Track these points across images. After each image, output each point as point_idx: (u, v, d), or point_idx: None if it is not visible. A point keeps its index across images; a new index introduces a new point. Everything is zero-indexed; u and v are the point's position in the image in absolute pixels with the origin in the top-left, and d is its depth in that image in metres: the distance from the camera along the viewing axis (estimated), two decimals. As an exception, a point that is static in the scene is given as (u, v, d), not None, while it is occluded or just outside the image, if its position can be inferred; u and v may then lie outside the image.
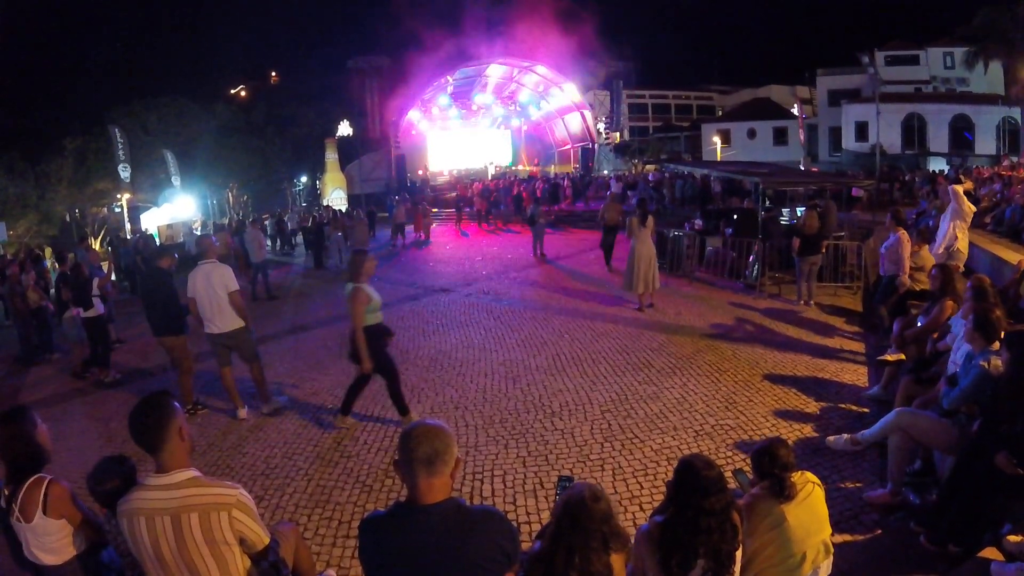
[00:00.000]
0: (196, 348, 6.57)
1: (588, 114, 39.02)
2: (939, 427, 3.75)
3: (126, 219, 22.98)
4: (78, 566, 2.61)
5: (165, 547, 2.01)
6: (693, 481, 2.33)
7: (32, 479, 2.52)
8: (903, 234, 7.10)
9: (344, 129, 43.34)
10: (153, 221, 25.68)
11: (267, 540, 2.22)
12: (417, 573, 1.82)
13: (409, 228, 21.15)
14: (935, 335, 5.03)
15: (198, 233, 20.67)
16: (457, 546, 1.80)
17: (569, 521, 2.05)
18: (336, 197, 33.14)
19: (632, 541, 2.38)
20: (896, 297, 6.98)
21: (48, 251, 18.20)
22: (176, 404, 2.16)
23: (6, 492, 2.56)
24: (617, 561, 2.09)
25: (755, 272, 10.12)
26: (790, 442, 3.20)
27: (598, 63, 40.18)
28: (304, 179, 43.39)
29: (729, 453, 4.67)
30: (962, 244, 8.02)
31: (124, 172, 21.51)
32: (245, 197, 37.24)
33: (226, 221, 29.89)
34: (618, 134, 41.70)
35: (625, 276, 9.21)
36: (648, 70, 50.41)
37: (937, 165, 29.24)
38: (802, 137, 34.30)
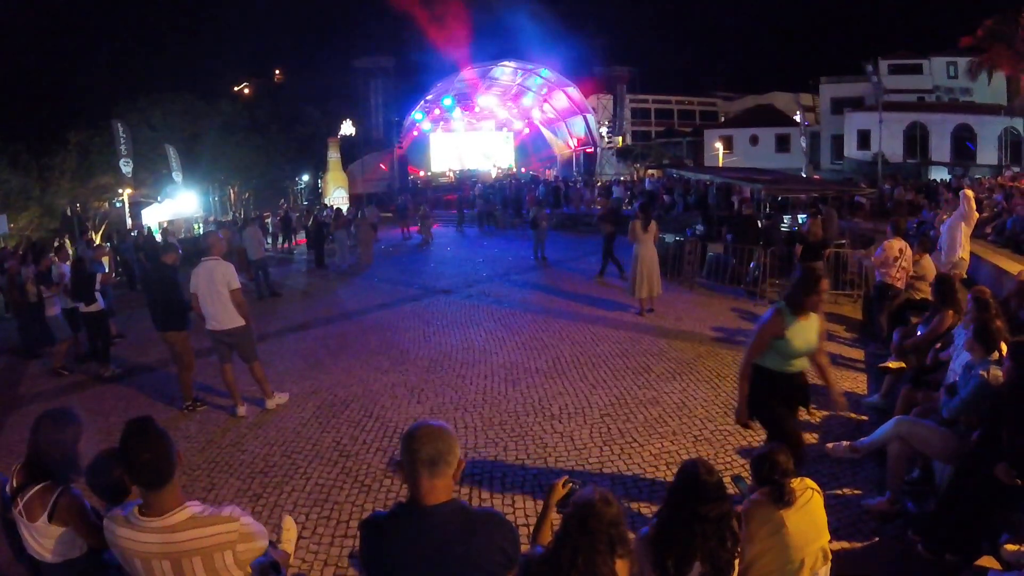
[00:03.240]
0: (197, 344, 6.57)
1: (591, 118, 39.06)
2: (938, 436, 3.76)
3: (127, 214, 22.98)
4: (78, 566, 2.59)
5: None
6: (690, 486, 2.34)
7: (45, 484, 2.47)
8: (887, 242, 7.16)
9: (347, 128, 43.34)
10: (154, 217, 25.68)
11: (267, 543, 2.20)
12: (418, 574, 1.82)
13: (414, 229, 21.29)
14: (937, 345, 5.03)
15: (177, 234, 20.38)
16: (458, 547, 1.80)
17: (577, 522, 2.06)
18: (338, 196, 33.14)
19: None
20: (895, 305, 6.99)
21: (60, 243, 18.13)
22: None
23: (13, 483, 2.52)
24: (622, 568, 2.09)
25: (756, 278, 10.13)
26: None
27: (602, 67, 40.27)
28: (306, 178, 43.41)
29: (728, 458, 4.68)
30: (964, 253, 8.05)
31: (126, 167, 21.50)
32: (247, 194, 37.24)
33: (228, 218, 29.88)
34: (621, 138, 41.75)
35: (629, 280, 9.26)
36: (652, 75, 50.50)
37: (939, 175, 29.26)
38: (804, 144, 34.33)
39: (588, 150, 39.83)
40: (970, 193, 8.39)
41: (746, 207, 12.11)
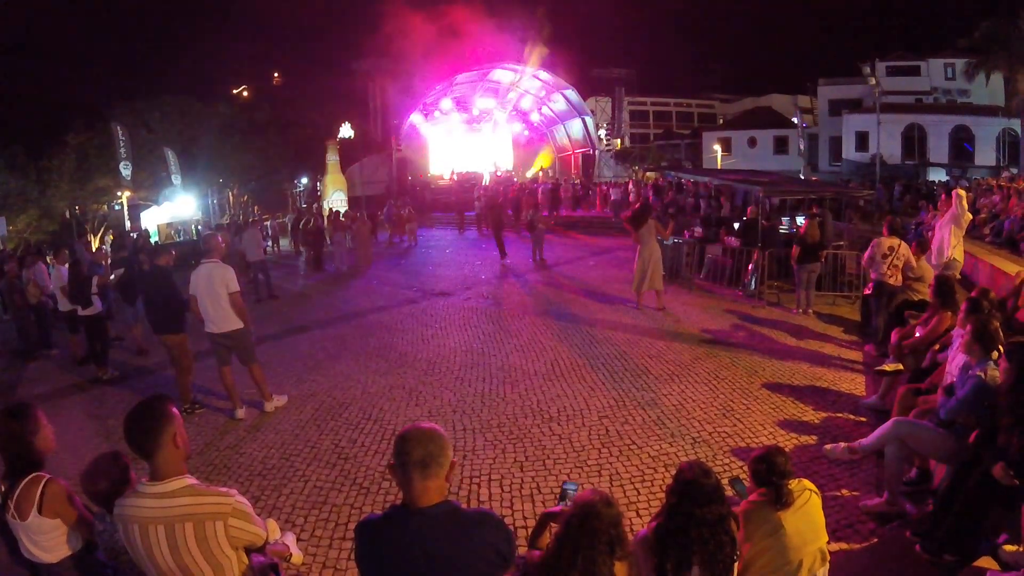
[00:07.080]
0: (196, 346, 6.56)
1: (589, 120, 39.08)
2: (936, 437, 3.76)
3: (126, 217, 22.93)
4: (74, 564, 2.59)
5: (159, 554, 1.99)
6: (688, 488, 2.34)
7: (30, 477, 2.50)
8: (876, 240, 7.24)
9: (346, 131, 43.32)
10: (153, 219, 25.64)
11: (265, 535, 2.21)
12: (411, 575, 1.82)
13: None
14: (935, 346, 5.04)
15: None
16: (453, 549, 1.80)
17: (577, 522, 2.07)
18: (337, 199, 33.14)
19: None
20: (893, 306, 7.00)
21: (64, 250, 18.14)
22: (174, 410, 2.10)
23: (2, 488, 2.54)
24: (621, 570, 2.10)
25: (754, 280, 10.14)
26: (787, 450, 3.21)
27: (601, 69, 40.37)
28: (305, 180, 43.40)
29: (726, 460, 4.68)
30: (957, 252, 8.03)
31: (125, 170, 21.47)
32: (245, 197, 37.22)
33: (226, 221, 29.86)
34: (619, 141, 41.78)
35: (635, 277, 9.65)
36: (650, 77, 50.71)
37: (937, 176, 29.33)
38: (802, 146, 34.37)
39: (587, 152, 39.86)
40: (963, 193, 8.36)
41: (760, 211, 12.06)
